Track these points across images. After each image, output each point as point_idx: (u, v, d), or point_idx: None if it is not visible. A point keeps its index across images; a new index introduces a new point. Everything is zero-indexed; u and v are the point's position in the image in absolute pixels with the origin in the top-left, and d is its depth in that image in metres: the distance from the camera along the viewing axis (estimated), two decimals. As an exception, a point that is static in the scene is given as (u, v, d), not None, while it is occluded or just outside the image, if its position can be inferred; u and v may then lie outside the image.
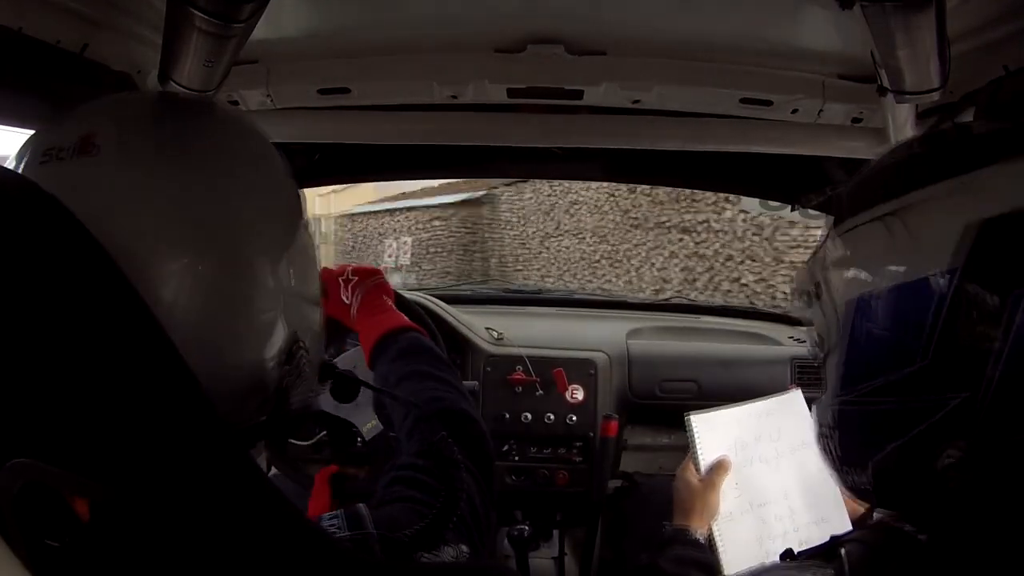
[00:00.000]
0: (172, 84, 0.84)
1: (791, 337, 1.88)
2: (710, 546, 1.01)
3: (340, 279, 1.04)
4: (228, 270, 0.55)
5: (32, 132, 0.58)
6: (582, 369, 1.70)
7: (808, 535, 1.04)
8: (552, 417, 1.68)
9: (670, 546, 0.99)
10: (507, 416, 1.68)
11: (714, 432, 1.09)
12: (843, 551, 0.56)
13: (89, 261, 0.44)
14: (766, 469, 1.08)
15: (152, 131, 0.57)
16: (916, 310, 0.52)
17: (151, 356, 0.45)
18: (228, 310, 0.54)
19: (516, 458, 1.69)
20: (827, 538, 0.85)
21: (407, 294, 1.58)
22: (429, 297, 1.81)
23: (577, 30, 1.04)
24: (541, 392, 1.68)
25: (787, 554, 0.63)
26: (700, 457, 1.07)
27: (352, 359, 1.41)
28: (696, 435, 1.08)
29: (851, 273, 0.59)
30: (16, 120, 0.88)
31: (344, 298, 1.03)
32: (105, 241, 0.45)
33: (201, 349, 0.51)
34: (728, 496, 1.05)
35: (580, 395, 1.68)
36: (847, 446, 0.60)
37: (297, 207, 0.64)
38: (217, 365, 0.53)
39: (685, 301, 2.27)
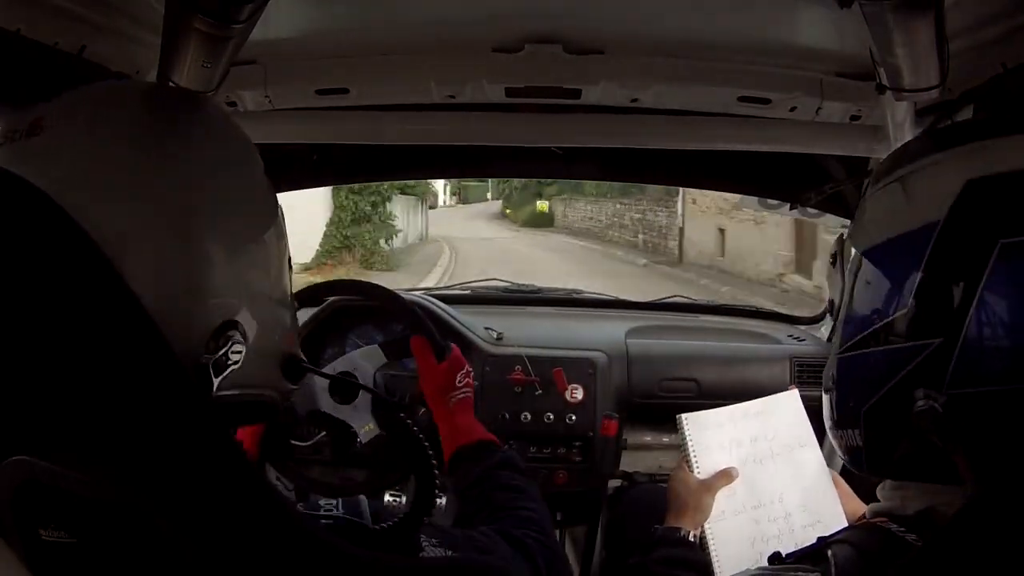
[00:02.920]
0: (171, 85, 0.84)
1: (791, 336, 1.88)
2: (701, 546, 1.00)
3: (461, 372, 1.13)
4: (160, 245, 0.55)
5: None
6: (581, 369, 1.70)
7: (804, 538, 1.01)
8: (552, 417, 1.67)
9: (659, 546, 0.98)
10: (506, 416, 1.67)
11: (706, 432, 1.08)
12: (830, 553, 0.56)
13: (75, 254, 0.44)
14: (761, 469, 1.06)
15: (96, 112, 0.58)
16: (903, 260, 0.56)
17: (135, 342, 0.45)
18: (155, 281, 0.54)
19: None
20: None
21: (405, 295, 1.58)
22: (427, 297, 1.81)
23: (575, 29, 1.04)
24: (540, 392, 1.68)
25: (775, 557, 0.63)
26: (693, 457, 1.06)
27: (352, 361, 1.40)
28: (687, 435, 1.07)
29: (857, 232, 0.64)
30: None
31: (456, 383, 1.12)
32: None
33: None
34: (721, 496, 1.04)
35: (580, 395, 1.68)
36: (842, 401, 0.63)
37: (260, 199, 0.64)
38: None
39: (684, 300, 2.26)
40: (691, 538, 0.99)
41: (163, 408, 0.44)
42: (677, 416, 1.09)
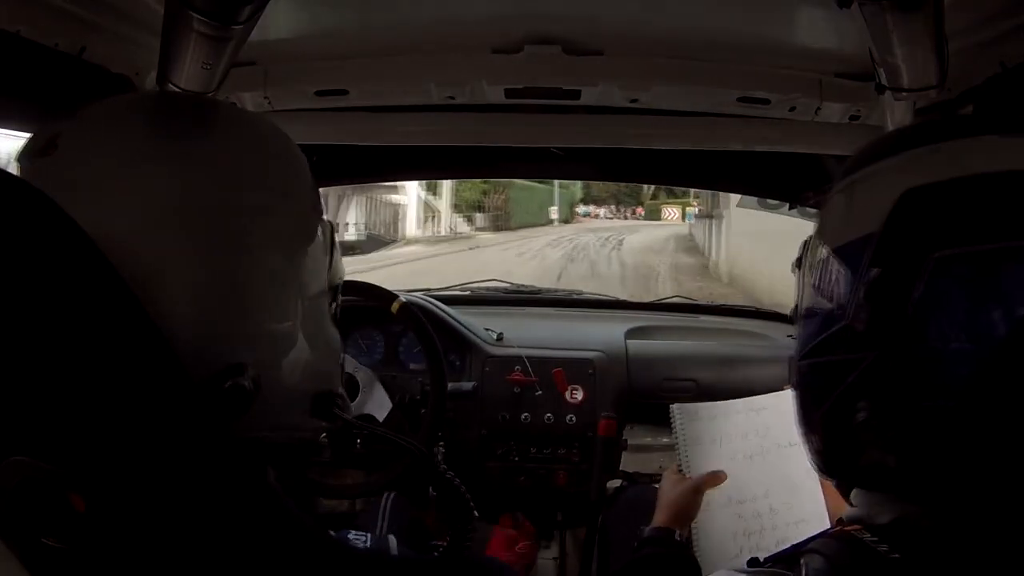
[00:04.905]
0: (170, 86, 0.84)
1: (790, 336, 1.88)
2: (688, 544, 1.00)
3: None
4: (165, 271, 0.51)
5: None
6: (581, 369, 1.70)
7: (785, 535, 1.02)
8: (551, 417, 1.68)
9: (646, 546, 0.98)
10: (506, 416, 1.68)
11: (697, 424, 1.08)
12: (803, 562, 0.56)
13: (83, 262, 0.44)
14: (749, 465, 1.07)
15: (112, 129, 0.56)
16: (843, 272, 0.56)
17: (142, 351, 0.45)
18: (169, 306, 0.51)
19: (516, 458, 1.69)
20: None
21: (405, 296, 1.58)
22: (427, 298, 1.81)
23: (574, 30, 1.04)
24: (540, 392, 1.68)
25: (753, 561, 0.64)
26: (683, 448, 1.07)
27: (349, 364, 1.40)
28: (679, 426, 1.08)
29: (813, 239, 0.63)
30: (14, 123, 0.88)
31: None
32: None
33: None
34: (709, 490, 1.04)
35: (579, 395, 1.68)
36: (801, 405, 0.63)
37: (292, 229, 0.59)
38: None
39: (684, 301, 2.27)
40: (677, 537, 0.99)
41: (166, 416, 0.44)
42: (670, 407, 1.10)
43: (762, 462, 1.07)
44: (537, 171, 2.23)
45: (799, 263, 0.68)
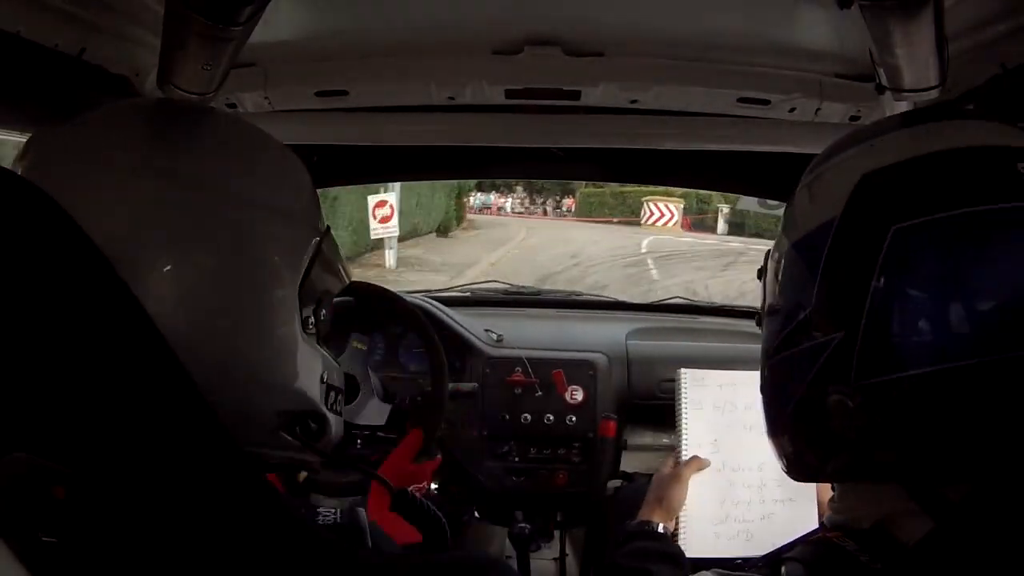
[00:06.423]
0: (171, 87, 0.84)
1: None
2: (674, 537, 1.01)
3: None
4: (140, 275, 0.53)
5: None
6: (581, 370, 1.70)
7: (773, 511, 1.05)
8: (552, 418, 1.67)
9: (631, 540, 0.99)
10: (507, 417, 1.68)
11: (703, 389, 1.10)
12: (784, 570, 0.56)
13: (77, 256, 0.44)
14: (747, 436, 1.08)
15: (108, 136, 0.57)
16: (806, 261, 0.57)
17: (140, 348, 0.45)
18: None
19: (516, 459, 1.69)
20: (791, 519, 0.95)
21: (407, 297, 1.58)
22: (428, 299, 1.81)
23: (574, 31, 1.05)
24: (541, 393, 1.68)
25: (734, 565, 0.64)
26: (684, 412, 1.08)
27: (348, 361, 1.40)
28: (684, 389, 1.09)
29: (776, 239, 0.64)
30: (15, 123, 0.88)
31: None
32: None
33: None
34: (704, 450, 1.07)
35: (580, 396, 1.68)
36: (770, 407, 0.64)
37: (270, 244, 0.60)
38: None
39: (685, 302, 2.26)
40: (661, 530, 1.00)
41: (162, 411, 0.44)
42: (678, 370, 1.11)
43: (760, 435, 1.08)
44: (537, 172, 2.23)
45: (761, 273, 0.69)
